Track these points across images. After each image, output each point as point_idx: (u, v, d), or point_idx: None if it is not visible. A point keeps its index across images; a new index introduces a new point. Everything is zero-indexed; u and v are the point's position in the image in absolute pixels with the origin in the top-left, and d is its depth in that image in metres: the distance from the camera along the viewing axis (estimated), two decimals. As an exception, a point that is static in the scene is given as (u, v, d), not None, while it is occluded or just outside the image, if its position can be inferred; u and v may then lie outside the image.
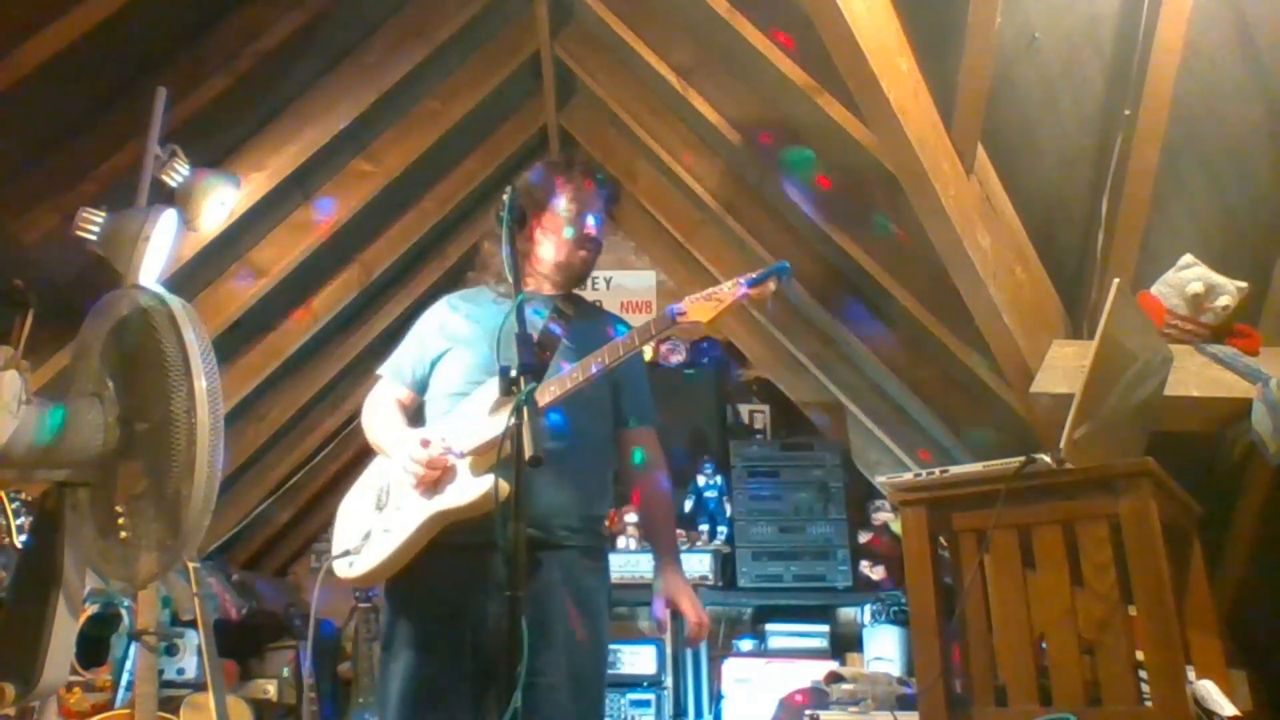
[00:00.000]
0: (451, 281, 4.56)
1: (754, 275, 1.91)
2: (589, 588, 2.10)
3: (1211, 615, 2.11)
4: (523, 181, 2.29)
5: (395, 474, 2.11)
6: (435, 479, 2.03)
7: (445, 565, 2.02)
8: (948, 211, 2.26)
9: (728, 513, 4.12)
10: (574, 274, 2.30)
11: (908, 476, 2.18)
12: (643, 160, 4.34)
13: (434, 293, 3.81)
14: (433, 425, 2.18)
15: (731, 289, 1.90)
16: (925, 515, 2.08)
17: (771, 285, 1.89)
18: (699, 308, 1.92)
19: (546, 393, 1.94)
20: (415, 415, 2.29)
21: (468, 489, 1.99)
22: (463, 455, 2.03)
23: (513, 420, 1.56)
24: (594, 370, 1.96)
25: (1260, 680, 2.51)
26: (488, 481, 1.96)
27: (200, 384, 1.43)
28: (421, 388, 2.28)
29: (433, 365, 2.26)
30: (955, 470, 2.11)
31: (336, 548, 2.15)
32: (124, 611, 3.37)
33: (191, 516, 1.43)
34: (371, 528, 2.11)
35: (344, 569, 2.11)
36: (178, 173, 2.77)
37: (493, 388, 2.04)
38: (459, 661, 1.98)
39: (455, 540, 2.01)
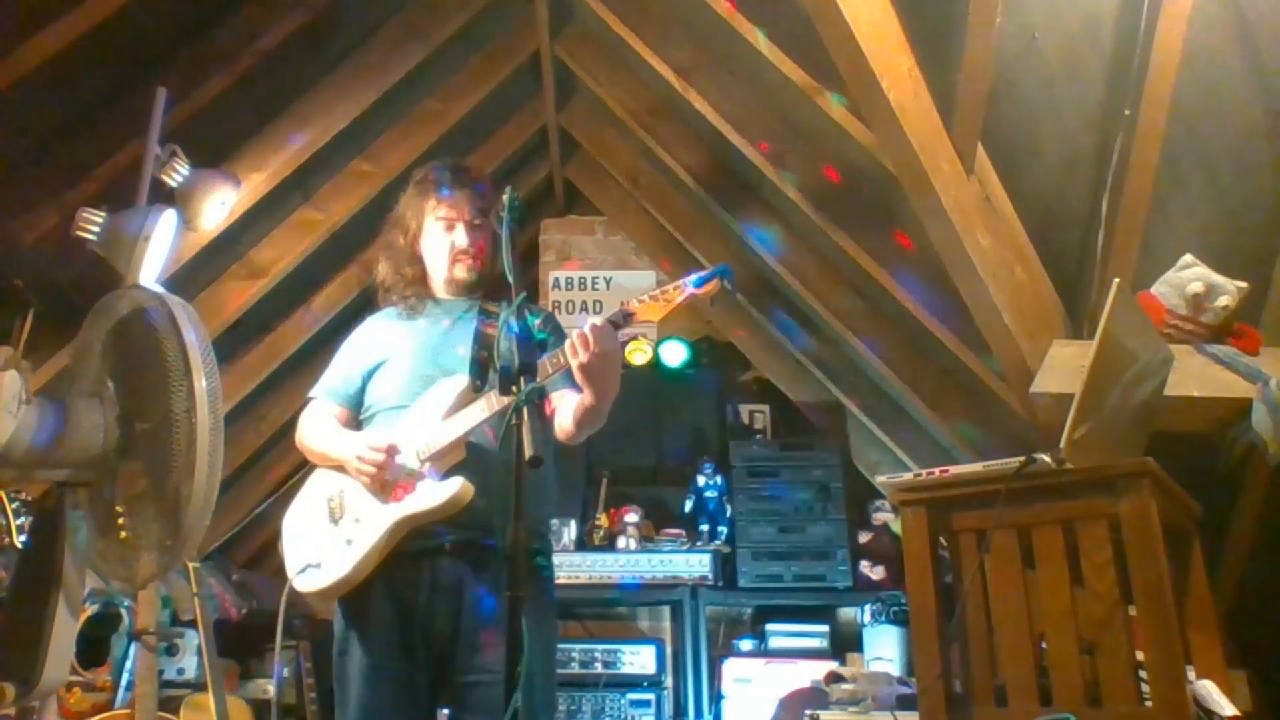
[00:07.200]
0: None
1: (700, 275, 1.94)
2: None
3: (1211, 615, 2.11)
4: (402, 200, 2.32)
5: (348, 483, 2.12)
6: (391, 478, 2.05)
7: (396, 571, 2.05)
8: (948, 211, 2.27)
9: (728, 513, 4.12)
10: (462, 285, 2.28)
11: (908, 476, 2.17)
12: (643, 160, 4.34)
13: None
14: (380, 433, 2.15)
15: (678, 290, 1.92)
16: (925, 515, 2.08)
17: (715, 286, 1.92)
18: (649, 308, 1.94)
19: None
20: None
21: (436, 491, 2.02)
22: (424, 460, 2.05)
23: (514, 420, 1.58)
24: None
25: (1260, 680, 2.51)
26: (454, 484, 2.00)
27: (200, 384, 1.43)
28: (356, 404, 2.26)
29: (365, 380, 2.25)
30: (955, 470, 2.11)
31: (293, 563, 2.15)
32: (124, 611, 3.37)
33: (191, 516, 1.43)
34: (329, 540, 2.11)
35: (307, 584, 2.12)
36: (178, 173, 2.77)
37: (438, 394, 2.11)
38: (413, 659, 2.03)
39: (405, 548, 2.05)
